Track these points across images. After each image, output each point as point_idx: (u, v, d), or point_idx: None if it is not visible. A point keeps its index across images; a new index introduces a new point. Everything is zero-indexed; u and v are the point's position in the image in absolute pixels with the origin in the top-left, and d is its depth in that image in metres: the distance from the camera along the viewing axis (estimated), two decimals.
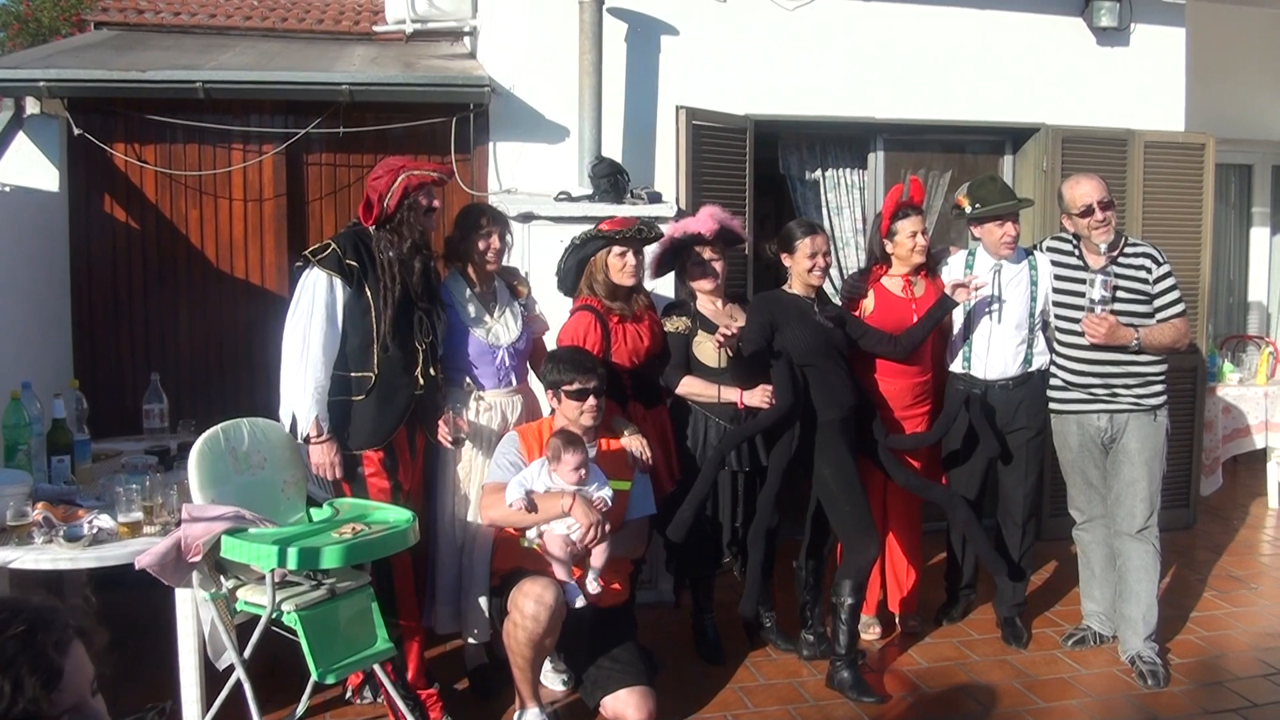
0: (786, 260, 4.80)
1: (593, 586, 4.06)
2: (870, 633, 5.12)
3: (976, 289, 4.78)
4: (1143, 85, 6.91)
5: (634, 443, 4.36)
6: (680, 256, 4.82)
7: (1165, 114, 6.92)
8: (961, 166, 6.95)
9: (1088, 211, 4.71)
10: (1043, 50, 6.76)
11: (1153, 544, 4.79)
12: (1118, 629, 4.94)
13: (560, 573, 4.02)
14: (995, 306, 4.90)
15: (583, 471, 4.04)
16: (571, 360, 4.17)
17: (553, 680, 4.54)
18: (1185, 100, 7.01)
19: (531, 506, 3.98)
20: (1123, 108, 6.82)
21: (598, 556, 4.07)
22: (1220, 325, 8.93)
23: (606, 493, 4.10)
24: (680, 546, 4.67)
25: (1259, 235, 9.32)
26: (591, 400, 4.13)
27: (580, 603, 4.01)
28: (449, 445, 4.28)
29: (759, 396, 4.53)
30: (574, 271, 4.63)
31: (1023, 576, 5.18)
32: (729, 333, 4.47)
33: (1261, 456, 7.68)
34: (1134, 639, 4.79)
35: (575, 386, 4.12)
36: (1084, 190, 4.74)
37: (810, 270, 4.71)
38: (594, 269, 4.57)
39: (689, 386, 4.67)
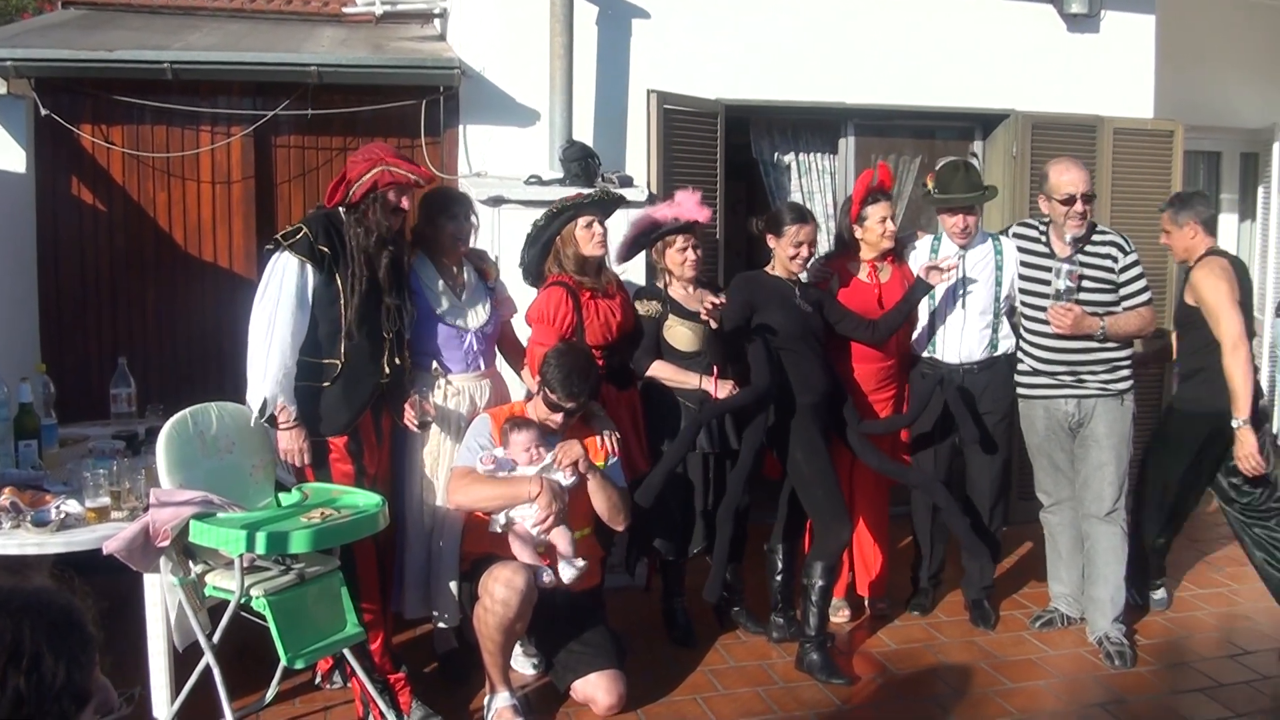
0: (772, 242, 4.79)
1: (567, 574, 4.06)
2: (839, 615, 5.15)
3: (948, 269, 4.80)
4: (1112, 72, 6.94)
5: (606, 433, 4.37)
6: (651, 240, 4.80)
7: (1135, 101, 6.96)
8: (932, 152, 6.96)
9: (1069, 200, 4.71)
10: (1013, 36, 6.78)
11: (1120, 526, 4.84)
12: (1085, 610, 4.99)
13: (526, 558, 4.03)
14: (960, 291, 4.92)
15: (533, 451, 4.05)
16: (567, 376, 4.09)
17: (523, 664, 4.54)
18: (1155, 87, 7.05)
19: (500, 468, 4.00)
20: (1092, 94, 6.85)
21: (561, 543, 4.09)
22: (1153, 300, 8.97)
23: (565, 473, 4.09)
24: (646, 526, 4.67)
25: (1227, 221, 9.35)
26: (560, 417, 4.14)
27: (548, 579, 4.01)
28: (414, 429, 4.26)
29: (725, 390, 4.55)
30: (539, 258, 4.62)
31: (997, 557, 5.23)
32: (716, 301, 4.45)
33: None
34: (1101, 620, 4.84)
35: (554, 399, 4.12)
36: (1071, 178, 4.72)
37: (793, 258, 4.71)
38: (561, 244, 4.55)
39: (660, 371, 4.67)
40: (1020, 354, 4.96)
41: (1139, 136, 6.77)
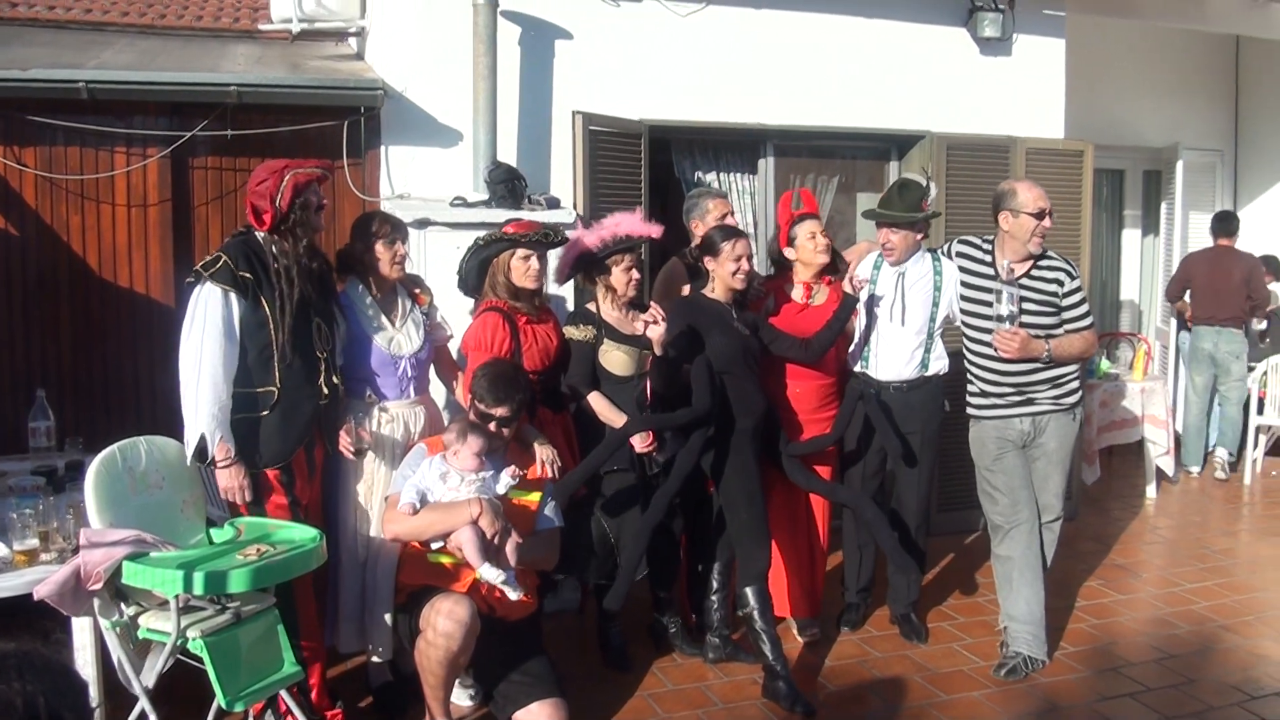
0: (710, 264, 4.78)
1: (513, 595, 3.99)
2: None
3: (859, 285, 4.85)
4: (1024, 94, 7.11)
5: (545, 453, 4.33)
6: (601, 258, 4.76)
7: (1046, 122, 7.15)
8: (849, 172, 7.09)
9: (1041, 215, 4.73)
10: (928, 59, 6.91)
11: (1054, 530, 5.03)
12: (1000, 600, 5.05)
13: (475, 559, 3.92)
14: (895, 308, 4.99)
15: (482, 458, 4.01)
16: (494, 383, 4.10)
17: (459, 695, 4.45)
18: (1065, 108, 7.23)
19: (421, 508, 3.94)
20: (1005, 116, 7.01)
21: (513, 555, 4.01)
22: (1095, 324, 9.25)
23: (506, 479, 4.04)
24: (580, 550, 4.65)
25: (1130, 237, 9.71)
26: (493, 427, 4.11)
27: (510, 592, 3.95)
28: (351, 456, 4.19)
29: (641, 443, 4.62)
30: (475, 272, 4.61)
31: (923, 568, 5.33)
32: (657, 315, 4.46)
33: (1134, 448, 8.04)
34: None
35: (482, 409, 4.09)
36: (1041, 193, 4.76)
37: (735, 274, 4.72)
38: (495, 270, 4.54)
39: (598, 404, 4.66)
40: (968, 378, 4.98)
41: (1051, 156, 6.95)
